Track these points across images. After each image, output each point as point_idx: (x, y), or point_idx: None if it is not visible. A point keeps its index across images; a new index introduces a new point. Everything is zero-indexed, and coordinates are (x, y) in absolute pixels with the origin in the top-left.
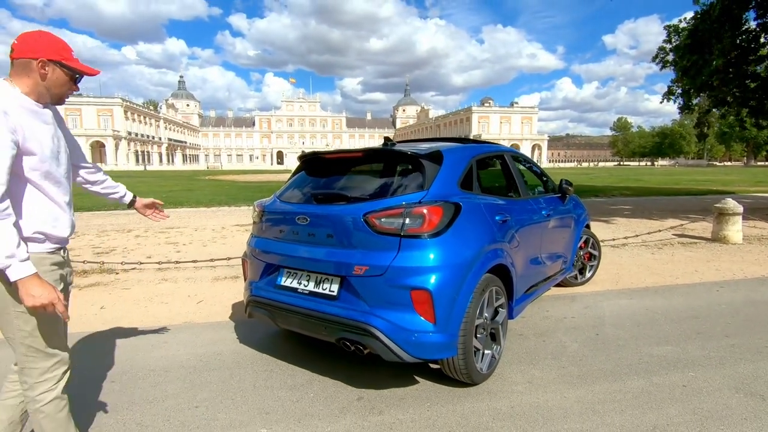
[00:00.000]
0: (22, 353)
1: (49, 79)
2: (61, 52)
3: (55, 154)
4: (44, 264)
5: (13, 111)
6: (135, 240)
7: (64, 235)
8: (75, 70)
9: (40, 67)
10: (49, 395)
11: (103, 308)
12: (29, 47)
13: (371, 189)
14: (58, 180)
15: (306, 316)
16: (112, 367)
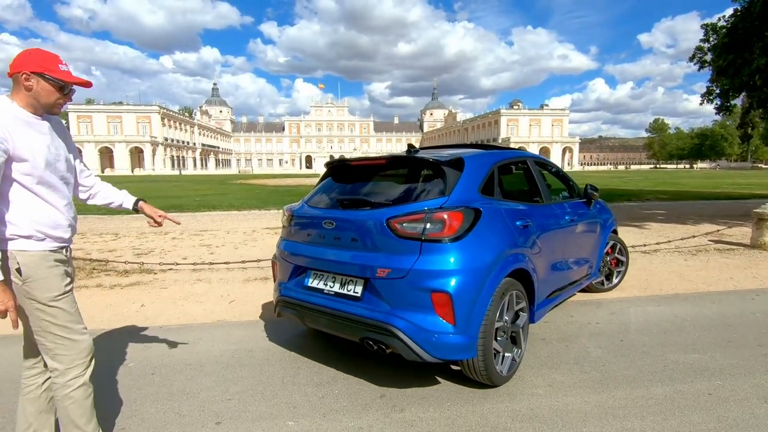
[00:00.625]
0: (52, 341)
1: (35, 90)
2: (43, 64)
3: (51, 162)
4: (48, 260)
5: (4, 122)
6: (171, 242)
7: (64, 236)
8: (57, 80)
9: (24, 79)
10: (78, 380)
11: (143, 306)
12: (17, 63)
13: (394, 195)
14: (53, 185)
15: (331, 316)
16: (155, 361)
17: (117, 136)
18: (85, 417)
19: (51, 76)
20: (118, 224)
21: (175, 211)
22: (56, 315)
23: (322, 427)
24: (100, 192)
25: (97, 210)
